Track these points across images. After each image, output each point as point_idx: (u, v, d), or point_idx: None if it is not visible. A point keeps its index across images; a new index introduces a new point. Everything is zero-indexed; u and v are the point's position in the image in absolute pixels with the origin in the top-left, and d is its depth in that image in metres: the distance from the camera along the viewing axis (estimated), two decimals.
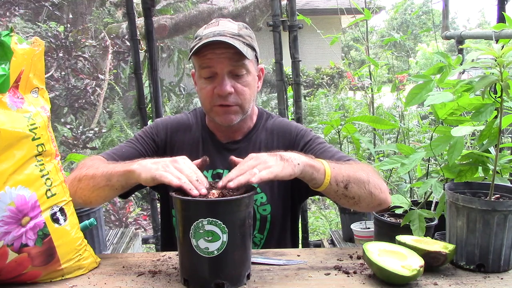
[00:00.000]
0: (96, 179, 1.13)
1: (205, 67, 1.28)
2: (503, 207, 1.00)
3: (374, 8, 2.93)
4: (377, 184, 1.16)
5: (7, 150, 0.97)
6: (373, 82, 2.75)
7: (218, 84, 1.27)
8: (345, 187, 1.11)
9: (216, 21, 1.32)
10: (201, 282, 0.96)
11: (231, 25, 1.30)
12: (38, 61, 1.06)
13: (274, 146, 1.40)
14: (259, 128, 1.44)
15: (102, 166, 1.16)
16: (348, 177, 1.12)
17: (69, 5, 5.48)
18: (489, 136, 1.14)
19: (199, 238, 0.93)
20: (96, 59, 5.15)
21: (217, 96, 1.29)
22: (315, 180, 1.08)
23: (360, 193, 1.14)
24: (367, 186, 1.14)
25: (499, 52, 0.98)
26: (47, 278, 1.04)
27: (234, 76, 1.29)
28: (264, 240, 1.39)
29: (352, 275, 1.03)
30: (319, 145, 1.36)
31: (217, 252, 0.94)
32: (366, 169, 1.19)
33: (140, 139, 1.40)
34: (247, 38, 1.30)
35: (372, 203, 1.17)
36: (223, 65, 1.26)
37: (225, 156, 1.38)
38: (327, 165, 1.10)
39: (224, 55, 1.25)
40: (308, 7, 10.74)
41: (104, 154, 1.33)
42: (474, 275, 1.02)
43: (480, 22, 28.04)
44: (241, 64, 1.27)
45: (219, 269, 0.95)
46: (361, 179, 1.14)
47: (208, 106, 1.33)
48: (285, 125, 1.45)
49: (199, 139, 1.42)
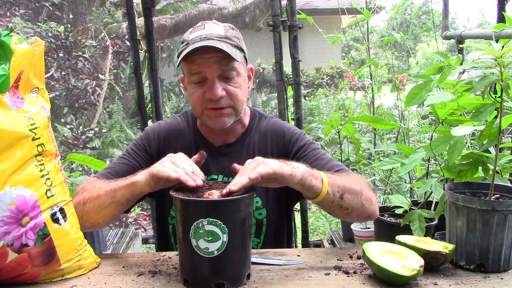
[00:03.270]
0: (101, 199, 1.14)
1: (194, 73, 1.26)
2: (503, 207, 1.00)
3: (375, 8, 2.93)
4: (368, 197, 1.18)
5: (7, 150, 0.97)
6: (373, 82, 2.75)
7: (208, 88, 1.26)
8: (340, 197, 1.12)
9: (202, 24, 1.30)
10: (201, 282, 0.96)
11: (217, 28, 1.28)
12: (38, 61, 1.06)
13: (268, 149, 1.39)
14: (252, 130, 1.42)
15: (105, 185, 1.16)
16: (344, 187, 1.12)
17: (69, 5, 5.48)
18: (489, 136, 1.14)
19: (199, 238, 0.93)
20: (96, 59, 5.15)
21: (208, 100, 1.27)
22: (314, 188, 1.07)
23: (353, 204, 1.14)
24: (360, 198, 1.15)
25: (499, 52, 0.98)
26: (47, 278, 1.04)
27: (225, 79, 1.27)
28: (261, 243, 1.38)
29: (352, 275, 1.03)
30: (312, 151, 1.35)
31: (217, 252, 0.94)
32: (358, 180, 1.20)
33: (132, 153, 1.38)
34: (235, 40, 1.28)
35: (363, 214, 1.18)
36: (212, 69, 1.24)
37: (218, 160, 1.38)
38: (324, 175, 1.11)
39: (212, 59, 1.23)
40: (308, 7, 10.75)
41: (98, 174, 1.32)
42: (474, 275, 1.02)
43: (480, 22, 28.04)
44: (231, 67, 1.26)
45: (219, 269, 0.95)
46: (355, 190, 1.15)
47: (199, 110, 1.31)
48: (279, 127, 1.43)
49: (191, 143, 1.40)
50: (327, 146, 5.31)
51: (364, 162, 2.17)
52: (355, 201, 1.14)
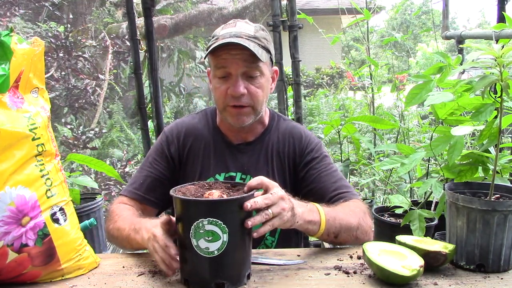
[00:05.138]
0: (124, 242, 1.23)
1: (220, 67, 1.29)
2: (503, 207, 0.99)
3: (375, 8, 2.94)
4: (364, 229, 1.23)
5: (7, 150, 0.97)
6: (373, 82, 2.75)
7: (231, 84, 1.28)
8: (335, 236, 1.18)
9: (234, 22, 1.33)
10: (201, 282, 0.96)
11: (248, 27, 1.31)
12: (38, 61, 1.06)
13: (285, 150, 1.42)
14: (272, 130, 1.44)
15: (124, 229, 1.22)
16: (340, 227, 1.17)
17: (69, 5, 5.48)
18: (489, 136, 1.14)
19: (200, 238, 0.93)
20: (96, 59, 5.15)
21: (230, 96, 1.29)
22: (308, 231, 1.14)
23: (346, 239, 1.21)
24: (355, 233, 1.21)
25: (499, 52, 0.98)
26: (47, 278, 1.04)
27: (248, 77, 1.29)
28: (276, 242, 1.39)
29: (352, 275, 1.03)
30: (325, 166, 1.38)
31: (218, 252, 0.93)
32: (358, 213, 1.24)
33: (154, 162, 1.40)
34: (263, 41, 1.30)
35: (354, 244, 1.24)
36: (237, 66, 1.27)
37: (237, 158, 1.40)
38: (324, 218, 1.14)
39: (238, 56, 1.25)
40: (308, 7, 10.74)
41: (126, 192, 1.38)
42: (474, 275, 1.02)
43: (480, 22, 28.04)
44: (255, 66, 1.28)
45: (220, 269, 0.95)
46: (351, 226, 1.20)
47: (221, 106, 1.34)
48: (298, 131, 1.45)
49: (210, 141, 1.42)
50: (327, 146, 5.31)
51: (364, 162, 2.17)
52: (349, 237, 1.21)
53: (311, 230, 1.12)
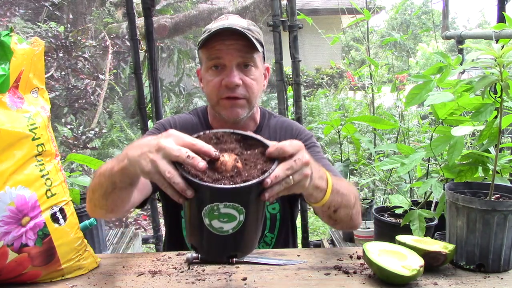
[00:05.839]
0: (103, 187, 1.00)
1: (213, 58, 1.26)
2: (503, 207, 0.99)
3: (375, 8, 2.93)
4: (358, 211, 1.16)
5: (7, 150, 0.97)
6: (373, 82, 2.75)
7: (226, 75, 1.25)
8: (334, 211, 1.08)
9: (226, 16, 1.32)
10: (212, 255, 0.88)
11: (240, 20, 1.30)
12: (38, 61, 1.06)
13: None
14: (263, 127, 1.44)
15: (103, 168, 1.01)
16: (341, 201, 1.07)
17: (69, 5, 5.47)
18: (489, 136, 1.14)
19: (213, 219, 0.81)
20: (96, 59, 5.15)
21: (224, 88, 1.26)
22: (310, 198, 1.01)
23: (343, 217, 1.11)
24: (351, 212, 1.13)
25: (499, 52, 0.98)
26: (47, 278, 1.04)
27: (243, 68, 1.27)
28: (275, 239, 1.39)
29: (352, 275, 1.03)
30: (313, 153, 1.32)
31: (232, 231, 0.83)
32: (354, 192, 1.16)
33: None
34: (256, 34, 1.29)
35: (347, 226, 1.17)
36: (232, 56, 1.24)
37: None
38: (330, 188, 1.02)
39: (233, 46, 1.23)
40: (308, 7, 10.75)
41: None
42: (474, 275, 1.02)
43: (480, 22, 28.04)
44: (250, 57, 1.26)
45: (233, 245, 0.87)
46: (349, 204, 1.12)
47: (215, 99, 1.30)
48: (288, 125, 1.45)
49: None
50: (327, 146, 5.31)
51: (364, 162, 2.17)
52: (346, 215, 1.12)
53: (315, 197, 1.00)
